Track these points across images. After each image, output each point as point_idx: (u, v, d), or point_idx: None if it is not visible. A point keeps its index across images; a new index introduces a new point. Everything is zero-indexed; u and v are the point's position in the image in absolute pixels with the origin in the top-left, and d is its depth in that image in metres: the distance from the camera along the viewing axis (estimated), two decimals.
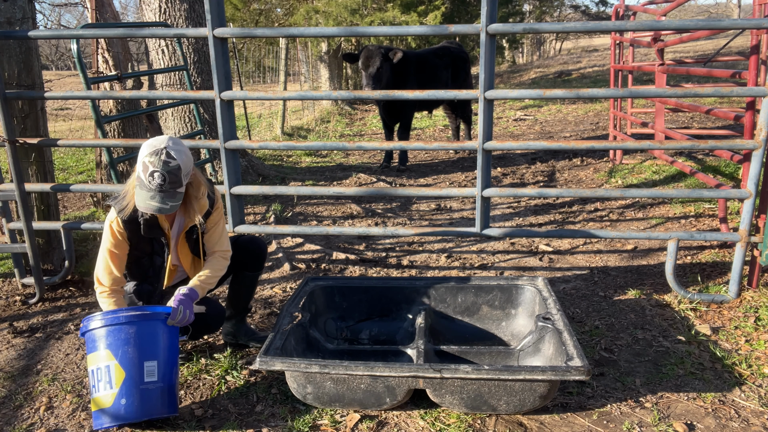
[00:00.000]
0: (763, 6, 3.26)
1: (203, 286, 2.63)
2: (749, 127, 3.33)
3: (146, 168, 2.33)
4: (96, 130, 4.27)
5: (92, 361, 2.36)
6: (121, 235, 2.55)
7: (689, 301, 3.36)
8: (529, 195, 3.45)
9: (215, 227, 2.76)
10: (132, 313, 2.38)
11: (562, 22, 8.60)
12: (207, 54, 6.02)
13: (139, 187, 2.37)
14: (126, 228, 2.55)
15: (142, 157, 2.35)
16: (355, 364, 2.32)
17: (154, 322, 2.40)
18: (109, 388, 2.30)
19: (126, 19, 31.69)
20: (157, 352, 2.38)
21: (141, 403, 2.31)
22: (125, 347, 2.32)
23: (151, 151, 2.34)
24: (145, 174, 2.33)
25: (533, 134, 9.23)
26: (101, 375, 2.32)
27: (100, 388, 2.32)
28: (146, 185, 2.34)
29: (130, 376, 2.30)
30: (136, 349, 2.33)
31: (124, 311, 2.39)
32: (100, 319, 2.35)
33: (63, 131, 10.55)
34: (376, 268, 4.09)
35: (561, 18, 27.11)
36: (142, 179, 2.34)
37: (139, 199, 2.38)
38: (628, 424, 2.35)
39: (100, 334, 2.35)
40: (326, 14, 11.77)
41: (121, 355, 2.31)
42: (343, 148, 3.40)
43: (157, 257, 2.72)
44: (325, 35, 3.39)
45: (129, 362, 2.31)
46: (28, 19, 3.69)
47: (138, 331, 2.35)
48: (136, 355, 2.32)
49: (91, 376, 2.36)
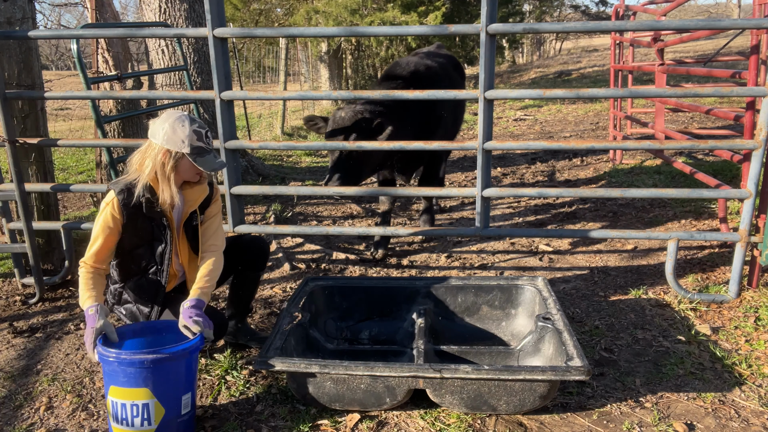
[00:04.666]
0: (763, 6, 3.26)
1: (206, 292, 2.55)
2: (749, 127, 3.33)
3: (199, 134, 2.39)
4: (96, 130, 4.27)
5: (122, 395, 2.23)
6: (114, 221, 2.44)
7: (689, 301, 3.36)
8: (529, 195, 3.45)
9: (214, 218, 2.73)
10: (174, 350, 2.25)
11: (562, 22, 8.60)
12: (207, 54, 6.02)
13: (198, 155, 2.40)
14: (123, 210, 2.45)
15: (189, 129, 2.37)
16: (355, 364, 2.32)
17: (194, 354, 2.34)
18: (147, 425, 2.23)
19: (126, 19, 31.71)
20: (192, 383, 2.36)
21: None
22: (166, 386, 2.23)
23: (187, 122, 2.38)
24: (202, 138, 2.40)
25: (533, 134, 9.23)
26: (138, 411, 2.21)
27: (135, 423, 2.23)
28: (206, 148, 2.42)
29: (170, 412, 2.26)
30: (175, 385, 2.27)
31: (166, 350, 2.23)
32: (138, 357, 2.19)
33: (63, 131, 10.55)
34: (376, 268, 4.09)
35: (561, 18, 27.11)
36: (200, 146, 2.40)
37: (207, 164, 2.42)
38: (628, 424, 2.35)
39: (134, 370, 2.19)
40: (326, 14, 11.77)
41: (161, 393, 2.22)
42: (342, 147, 3.40)
43: (157, 243, 2.59)
44: (325, 35, 3.39)
45: (169, 400, 2.25)
46: (28, 19, 3.69)
47: (177, 366, 2.27)
48: (175, 392, 2.27)
49: (119, 408, 2.23)
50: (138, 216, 2.49)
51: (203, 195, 2.64)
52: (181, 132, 2.37)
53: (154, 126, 2.41)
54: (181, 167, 2.45)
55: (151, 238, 2.58)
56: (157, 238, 2.59)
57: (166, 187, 2.45)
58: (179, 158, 2.41)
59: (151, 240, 2.58)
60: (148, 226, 2.54)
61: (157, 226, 2.57)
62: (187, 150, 2.38)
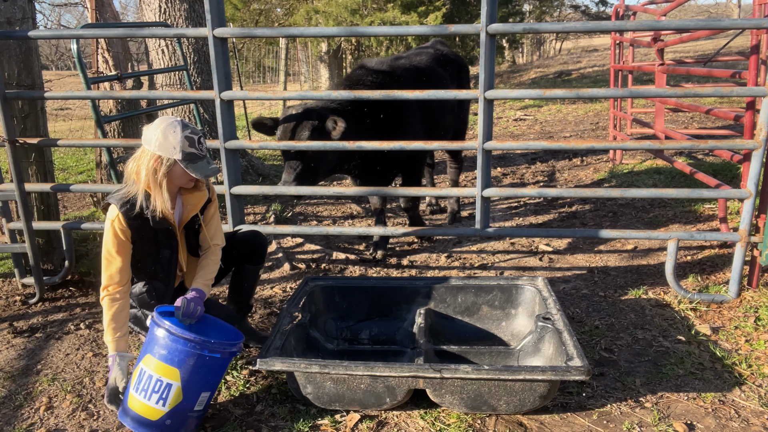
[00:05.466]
0: (763, 6, 3.26)
1: (207, 284, 2.62)
2: (749, 127, 3.33)
3: (192, 140, 2.38)
4: (96, 130, 4.26)
5: (154, 366, 2.23)
6: (124, 234, 2.44)
7: (689, 301, 3.36)
8: (529, 195, 3.45)
9: (213, 218, 2.75)
10: (221, 344, 2.28)
11: (562, 22, 8.60)
12: (207, 54, 6.02)
13: (190, 162, 2.39)
14: (130, 225, 2.45)
15: (181, 135, 2.35)
16: (355, 364, 2.32)
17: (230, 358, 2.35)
18: (161, 405, 2.22)
19: (126, 19, 31.69)
20: (215, 385, 2.36)
21: (180, 428, 2.29)
22: (194, 376, 2.24)
23: (179, 128, 2.37)
24: (194, 145, 2.39)
25: (533, 134, 9.23)
26: (158, 388, 2.22)
27: (150, 398, 2.22)
28: (198, 155, 2.41)
29: (185, 403, 2.25)
30: (202, 379, 2.27)
31: (217, 343, 2.27)
32: (186, 337, 2.21)
33: (63, 131, 10.55)
34: (376, 268, 4.09)
35: (561, 18, 27.10)
36: (193, 152, 2.38)
37: (200, 171, 2.41)
38: (628, 424, 2.35)
39: (178, 348, 2.21)
40: (326, 14, 11.78)
41: (187, 381, 2.23)
42: (342, 148, 3.40)
43: (163, 250, 2.61)
44: (325, 35, 3.39)
45: (190, 390, 2.25)
46: (28, 19, 3.69)
47: (212, 361, 2.27)
48: (199, 385, 2.27)
49: (144, 378, 2.24)
50: (143, 226, 2.49)
51: (203, 200, 2.64)
52: (172, 138, 2.35)
53: (147, 132, 2.40)
54: (174, 173, 2.43)
55: (156, 246, 2.60)
56: (163, 245, 2.61)
57: (158, 195, 2.42)
58: (171, 165, 2.39)
59: (157, 248, 2.60)
60: (153, 234, 2.55)
61: (162, 234, 2.58)
62: (178, 156, 2.36)
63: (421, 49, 4.95)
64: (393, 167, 4.16)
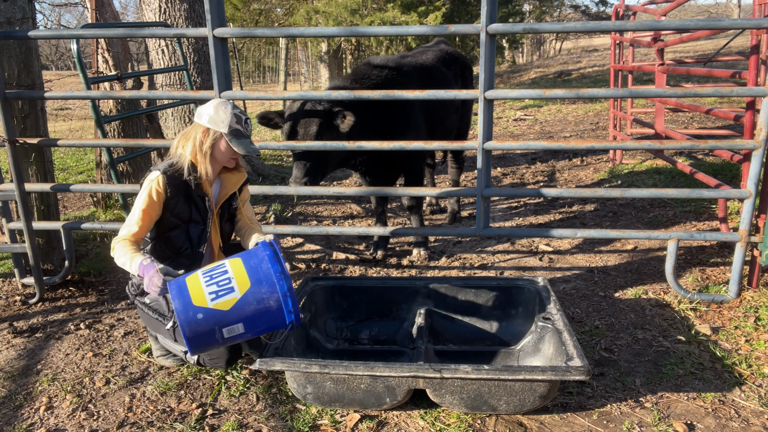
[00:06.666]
0: (763, 6, 3.26)
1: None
2: (749, 127, 3.33)
3: (239, 118, 2.57)
4: (96, 130, 4.27)
5: (237, 268, 2.26)
6: (158, 196, 2.53)
7: (689, 301, 3.36)
8: (529, 195, 3.45)
9: (248, 201, 2.91)
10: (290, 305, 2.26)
11: (562, 22, 8.60)
12: (207, 54, 6.02)
13: (235, 137, 2.55)
14: (168, 188, 2.54)
15: (231, 112, 2.54)
16: (355, 364, 2.32)
17: (281, 324, 2.31)
18: (210, 298, 2.20)
19: (126, 19, 31.70)
20: (253, 329, 2.29)
21: (200, 336, 2.22)
22: (250, 303, 2.23)
23: (229, 106, 2.56)
24: (241, 123, 2.58)
25: (533, 134, 9.23)
26: (222, 284, 2.23)
27: (209, 285, 2.23)
28: (243, 132, 2.59)
29: (226, 316, 2.21)
30: (253, 310, 2.23)
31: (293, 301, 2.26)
32: (283, 269, 2.26)
33: (63, 131, 10.55)
34: (376, 268, 4.09)
35: (561, 18, 27.10)
36: (238, 129, 2.56)
37: (243, 146, 2.56)
38: (628, 424, 2.35)
39: (269, 271, 2.24)
40: (326, 14, 11.78)
41: (243, 299, 2.22)
42: (342, 148, 3.40)
43: (194, 226, 2.66)
44: (325, 35, 3.39)
45: (238, 309, 2.22)
46: (28, 19, 3.69)
47: (267, 309, 2.24)
48: (246, 313, 2.24)
49: (220, 270, 2.26)
50: (180, 195, 2.59)
51: (242, 180, 2.80)
52: (223, 113, 2.54)
53: (201, 108, 2.58)
54: (218, 148, 2.59)
55: (188, 219, 2.65)
56: (195, 219, 2.67)
57: (203, 163, 2.58)
58: (218, 138, 2.56)
59: (188, 221, 2.66)
60: (187, 206, 2.63)
61: (196, 208, 2.66)
62: (225, 130, 2.53)
63: (426, 48, 5.00)
64: (396, 163, 4.17)
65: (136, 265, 2.39)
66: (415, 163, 4.29)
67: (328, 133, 3.59)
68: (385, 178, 4.22)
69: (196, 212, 2.66)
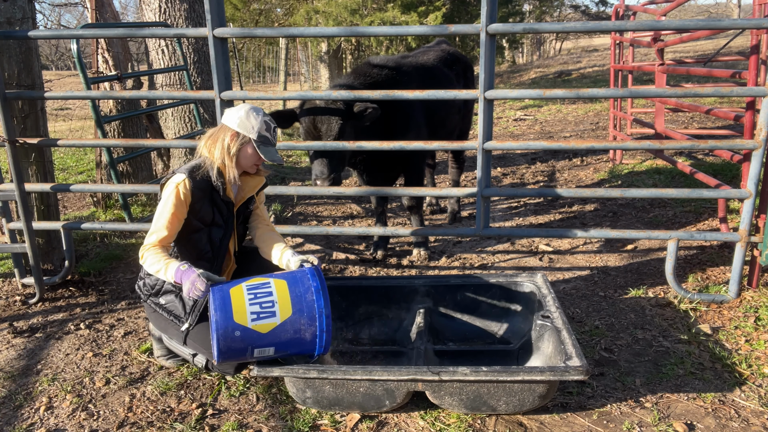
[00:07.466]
0: (763, 6, 3.26)
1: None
2: (749, 127, 3.33)
3: (268, 126, 2.60)
4: (96, 130, 4.27)
5: (281, 292, 2.27)
6: (185, 198, 2.51)
7: (689, 301, 3.36)
8: (529, 195, 3.45)
9: (263, 204, 2.92)
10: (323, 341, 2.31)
11: (562, 22, 8.60)
12: (207, 54, 6.02)
13: (262, 144, 2.58)
14: (194, 190, 2.53)
15: (261, 119, 2.56)
16: (353, 369, 2.32)
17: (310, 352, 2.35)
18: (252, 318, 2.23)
19: (126, 19, 31.68)
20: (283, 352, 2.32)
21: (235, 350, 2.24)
22: (288, 329, 2.25)
23: (261, 113, 2.59)
24: (269, 130, 2.60)
25: (533, 134, 9.23)
26: (265, 306, 2.24)
27: (252, 304, 2.24)
28: (270, 140, 2.61)
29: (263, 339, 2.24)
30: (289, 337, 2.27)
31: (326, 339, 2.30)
32: (324, 307, 2.27)
33: (63, 131, 10.55)
34: (376, 268, 4.09)
35: (561, 18, 27.09)
36: (266, 136, 2.58)
37: (269, 154, 2.59)
38: (628, 424, 2.35)
39: (312, 302, 2.25)
40: (326, 14, 11.78)
41: (282, 326, 2.25)
42: (342, 147, 3.40)
43: (215, 230, 2.66)
44: (325, 35, 3.39)
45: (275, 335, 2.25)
46: (28, 19, 3.69)
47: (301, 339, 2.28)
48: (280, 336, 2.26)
49: (265, 289, 2.28)
50: (204, 199, 2.58)
51: (260, 184, 2.81)
52: (254, 119, 2.55)
53: (230, 112, 2.58)
54: (244, 152, 2.59)
55: (211, 222, 2.65)
56: (218, 223, 2.66)
57: (230, 167, 2.58)
58: (245, 143, 2.56)
59: (210, 224, 2.65)
60: (210, 210, 2.62)
61: (219, 211, 2.65)
62: (254, 136, 2.54)
63: (428, 48, 4.99)
64: (396, 163, 4.17)
65: (172, 270, 2.37)
66: (416, 164, 4.29)
67: (349, 128, 3.60)
68: (385, 178, 4.22)
69: (218, 215, 2.65)
